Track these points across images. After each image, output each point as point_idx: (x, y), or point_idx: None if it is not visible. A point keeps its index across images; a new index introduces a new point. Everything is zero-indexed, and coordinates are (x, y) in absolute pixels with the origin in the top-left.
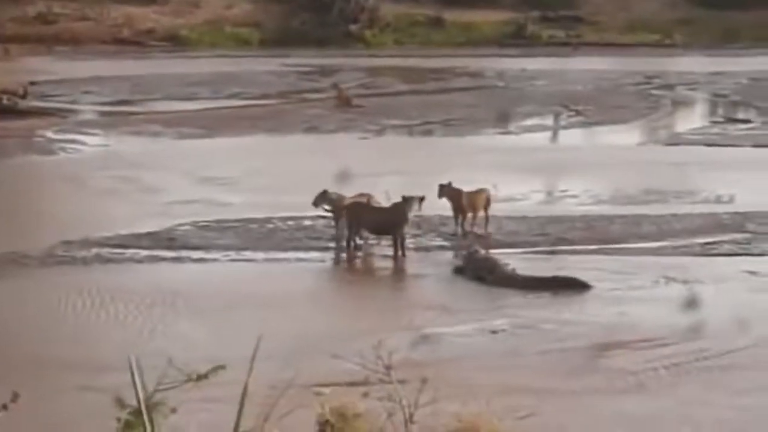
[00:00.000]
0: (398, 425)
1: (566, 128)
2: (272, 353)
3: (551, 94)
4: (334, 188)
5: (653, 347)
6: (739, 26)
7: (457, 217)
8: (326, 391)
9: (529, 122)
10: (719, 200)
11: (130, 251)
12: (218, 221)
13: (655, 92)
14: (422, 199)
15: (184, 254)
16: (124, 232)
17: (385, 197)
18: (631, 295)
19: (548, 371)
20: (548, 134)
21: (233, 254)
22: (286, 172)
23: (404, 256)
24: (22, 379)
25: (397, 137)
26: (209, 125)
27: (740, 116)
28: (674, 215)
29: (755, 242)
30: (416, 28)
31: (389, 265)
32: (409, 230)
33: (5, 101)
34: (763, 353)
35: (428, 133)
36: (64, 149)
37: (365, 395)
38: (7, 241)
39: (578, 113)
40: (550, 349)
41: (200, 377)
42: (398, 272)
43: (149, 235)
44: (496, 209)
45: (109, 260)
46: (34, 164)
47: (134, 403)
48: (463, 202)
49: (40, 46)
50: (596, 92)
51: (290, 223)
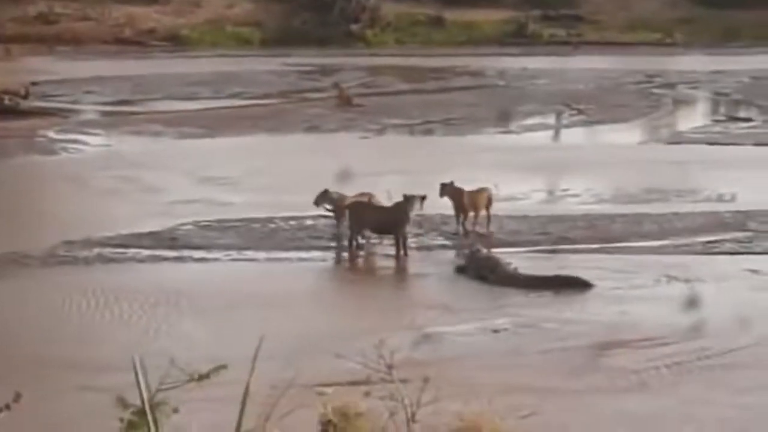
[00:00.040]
0: (400, 424)
1: (567, 127)
2: (274, 353)
3: (552, 93)
4: (335, 187)
5: (655, 346)
6: (739, 25)
7: (458, 216)
8: (328, 390)
9: (530, 121)
10: (721, 199)
11: (131, 251)
12: (220, 221)
13: (656, 91)
14: (424, 198)
15: (185, 254)
16: (125, 231)
17: (386, 196)
18: (632, 294)
19: (550, 370)
20: (549, 133)
21: (235, 254)
22: (287, 171)
23: (406, 255)
24: (23, 379)
25: (398, 136)
26: (210, 125)
27: (741, 115)
28: (676, 214)
29: (757, 241)
30: (417, 27)
31: (391, 264)
32: (410, 229)
33: (7, 101)
34: (764, 352)
35: (429, 132)
36: (65, 149)
37: (367, 394)
38: (8, 241)
39: (579, 112)
40: (551, 348)
41: (202, 377)
42: (400, 271)
43: (151, 234)
44: (497, 208)
45: (110, 260)
46: (35, 164)
47: (136, 403)
48: (464, 201)
49: (41, 46)
50: (597, 91)
51: (292, 222)
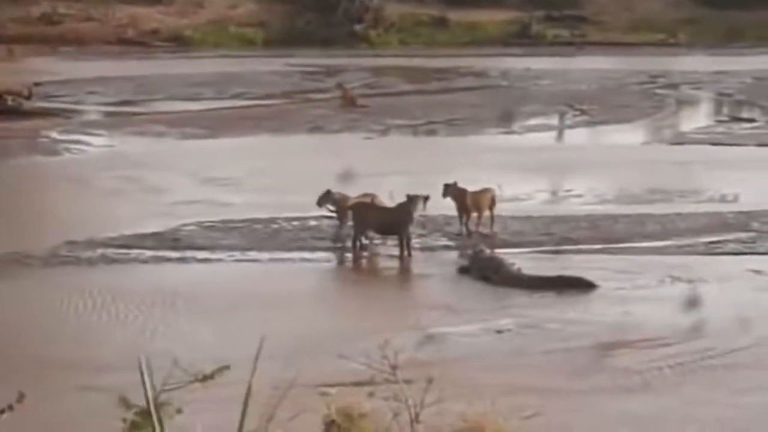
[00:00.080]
0: (404, 425)
1: (571, 128)
2: (277, 353)
3: (555, 93)
4: (338, 188)
5: (658, 346)
6: (742, 25)
7: (461, 216)
8: (332, 391)
9: (533, 122)
10: (724, 199)
11: (134, 251)
12: (223, 221)
13: (659, 91)
14: (427, 198)
15: (188, 254)
16: (128, 232)
17: (388, 197)
18: (635, 294)
19: (553, 371)
20: (553, 134)
21: (238, 254)
22: (290, 172)
23: (410, 255)
24: (24, 379)
25: (401, 137)
26: (213, 125)
27: (745, 115)
28: (679, 214)
29: (760, 241)
30: (421, 28)
31: (394, 264)
32: (414, 230)
33: (10, 102)
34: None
35: (432, 132)
36: (68, 150)
37: (371, 395)
38: (11, 241)
39: (583, 113)
40: (555, 348)
41: (205, 377)
42: (403, 272)
43: (154, 235)
44: (500, 209)
45: (113, 261)
46: (38, 165)
47: (137, 403)
48: (467, 201)
49: (44, 46)
50: (600, 91)
51: (295, 223)
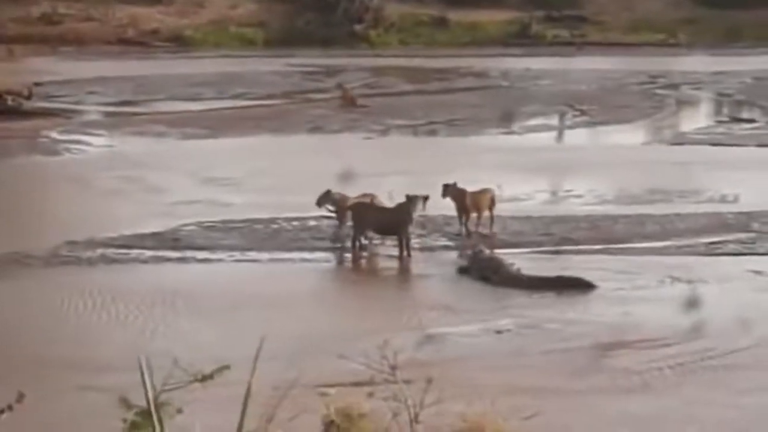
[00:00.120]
0: (403, 425)
1: (570, 128)
2: (277, 353)
3: (555, 93)
4: (338, 188)
5: (657, 347)
6: (742, 25)
7: (461, 217)
8: (331, 391)
9: (533, 122)
10: (724, 200)
11: (134, 252)
12: (223, 221)
13: (659, 92)
14: (426, 198)
15: (188, 255)
16: (128, 232)
17: (387, 197)
18: (635, 294)
19: (553, 371)
20: (553, 134)
21: (238, 254)
22: (290, 172)
23: (409, 256)
24: (24, 379)
25: (401, 137)
26: (213, 125)
27: (745, 116)
28: (678, 215)
29: (760, 242)
30: (421, 28)
31: (394, 265)
32: (413, 230)
33: (10, 102)
34: (767, 353)
35: (433, 133)
36: (68, 150)
37: (370, 395)
38: (11, 241)
39: (582, 113)
40: (554, 348)
41: (205, 377)
42: (403, 272)
43: (154, 235)
44: (500, 209)
45: (113, 261)
46: (38, 165)
47: (138, 403)
48: (467, 202)
49: (44, 46)
50: (600, 92)
51: (295, 223)
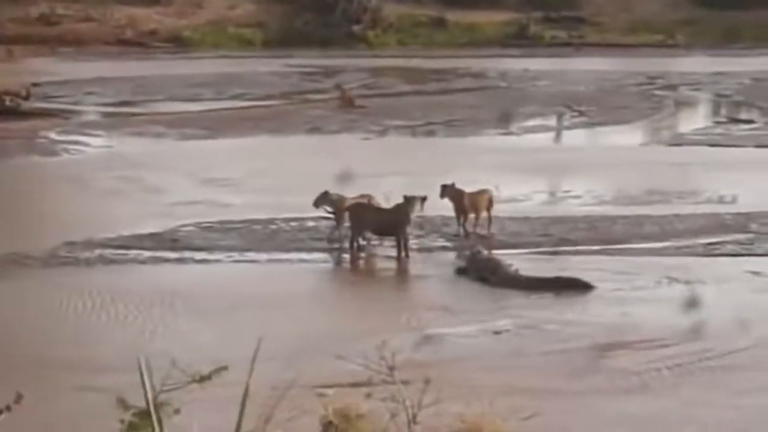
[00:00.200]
0: (401, 426)
1: (569, 129)
2: (275, 354)
3: (554, 94)
4: (336, 189)
5: (656, 347)
6: (740, 26)
7: (459, 217)
8: (329, 391)
9: (531, 123)
10: (722, 200)
11: (133, 252)
12: (221, 222)
13: (657, 93)
14: (424, 199)
15: (187, 255)
16: (127, 233)
17: (384, 198)
18: (633, 295)
19: (551, 372)
20: (551, 135)
21: (236, 255)
22: (289, 172)
23: (407, 256)
24: (23, 379)
25: (399, 138)
26: (212, 126)
27: (743, 116)
28: (677, 216)
29: (758, 242)
30: (419, 28)
31: (392, 265)
32: (411, 231)
33: (8, 102)
34: (766, 354)
35: (431, 133)
36: (67, 150)
37: (368, 396)
38: (9, 241)
39: (581, 114)
40: (553, 349)
41: (203, 378)
42: (401, 273)
43: (152, 236)
44: (498, 210)
45: (112, 261)
46: (36, 165)
47: (136, 404)
48: (465, 202)
49: (43, 47)
50: (599, 93)
51: (293, 224)
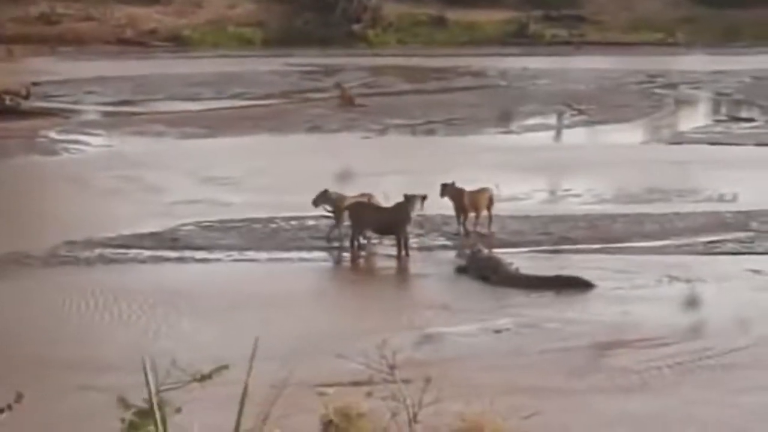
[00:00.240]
0: (402, 425)
1: (569, 127)
2: (275, 353)
3: (554, 93)
4: (336, 188)
5: (656, 346)
6: (740, 24)
7: (459, 216)
8: (330, 390)
9: (531, 121)
10: (722, 199)
11: (133, 251)
12: (221, 221)
13: (658, 91)
14: (424, 197)
15: (187, 254)
16: (127, 232)
17: (383, 197)
18: (634, 294)
19: (552, 370)
20: (551, 133)
21: (236, 254)
22: (289, 171)
23: (407, 255)
24: (24, 379)
25: (399, 136)
26: (212, 125)
27: (743, 115)
28: (677, 214)
29: (758, 241)
30: (419, 27)
31: (392, 264)
32: (411, 230)
33: (8, 102)
34: (766, 352)
35: (431, 132)
36: (67, 149)
37: (369, 395)
38: (9, 241)
39: (581, 112)
40: (553, 348)
41: (204, 377)
42: (401, 272)
43: (152, 235)
44: (499, 208)
45: (112, 260)
46: (36, 165)
47: (137, 403)
48: (465, 201)
49: (43, 46)
50: (599, 91)
51: (293, 222)
